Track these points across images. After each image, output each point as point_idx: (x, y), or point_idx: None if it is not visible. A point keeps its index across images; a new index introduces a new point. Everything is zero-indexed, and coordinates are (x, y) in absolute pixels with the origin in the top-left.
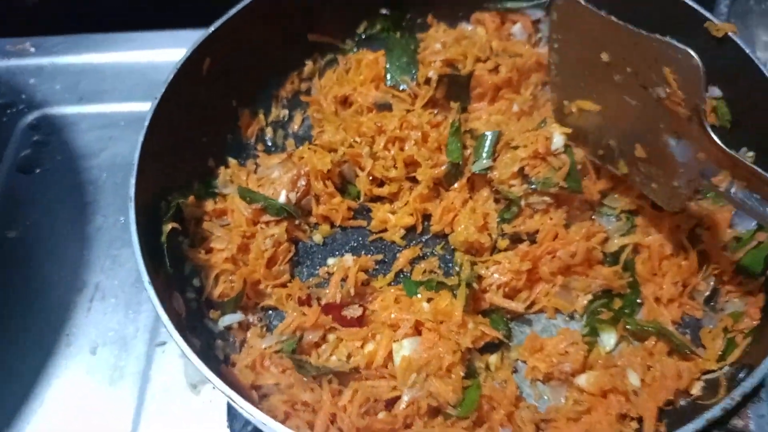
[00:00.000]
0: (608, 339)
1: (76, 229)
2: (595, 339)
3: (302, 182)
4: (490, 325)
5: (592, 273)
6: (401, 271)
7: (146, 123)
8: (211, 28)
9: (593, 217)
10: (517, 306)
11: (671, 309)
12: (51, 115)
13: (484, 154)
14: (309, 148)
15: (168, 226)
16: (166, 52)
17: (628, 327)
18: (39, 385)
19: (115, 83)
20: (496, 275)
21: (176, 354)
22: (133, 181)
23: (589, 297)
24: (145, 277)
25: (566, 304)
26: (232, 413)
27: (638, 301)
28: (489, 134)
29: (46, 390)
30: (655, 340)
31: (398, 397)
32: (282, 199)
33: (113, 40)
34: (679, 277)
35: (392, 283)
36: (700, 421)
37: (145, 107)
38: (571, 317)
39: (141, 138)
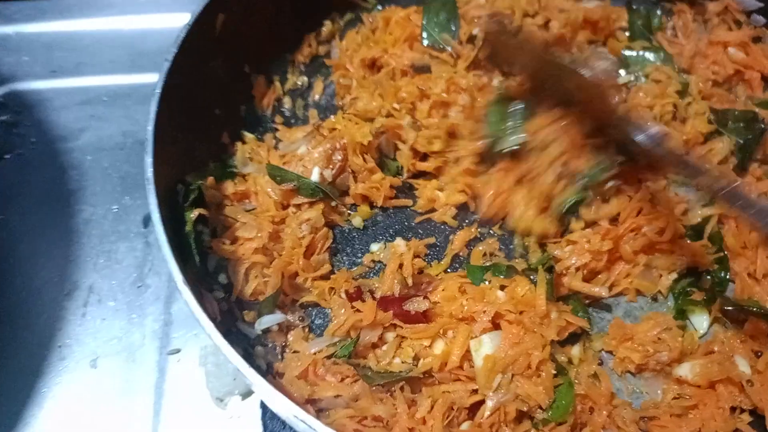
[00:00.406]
0: (700, 322)
1: (61, 223)
2: (684, 323)
3: (338, 157)
4: (572, 313)
5: (678, 249)
6: (457, 255)
7: (158, 90)
8: None
9: (668, 186)
10: (600, 290)
11: (766, 284)
12: (20, 91)
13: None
14: (344, 117)
15: (194, 213)
16: (153, 17)
17: (725, 307)
18: (31, 406)
19: (94, 54)
20: (574, 258)
21: (194, 363)
22: (149, 159)
23: (674, 276)
24: (178, 276)
25: (650, 285)
26: (269, 429)
27: (727, 277)
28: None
29: (39, 412)
30: (753, 323)
31: (481, 402)
32: (315, 177)
33: (90, 4)
34: None
35: (448, 270)
36: None
37: (131, 80)
38: (654, 299)
39: (153, 107)
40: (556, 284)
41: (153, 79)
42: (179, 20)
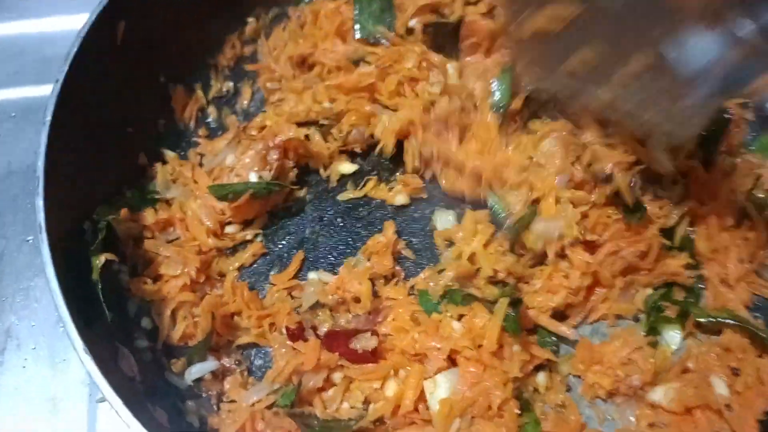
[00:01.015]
0: (673, 337)
1: None
2: (656, 338)
3: (273, 156)
4: (538, 344)
5: (658, 268)
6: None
7: (47, 118)
8: None
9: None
10: (569, 332)
11: (739, 291)
12: None
13: None
14: (276, 113)
15: (100, 259)
16: (59, 19)
17: (699, 320)
18: None
19: None
20: (547, 297)
21: None
22: (40, 202)
23: (649, 291)
24: (79, 344)
25: (629, 307)
26: None
27: (701, 287)
28: None
29: None
30: (730, 333)
31: None
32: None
33: None
34: (745, 253)
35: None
36: None
37: (40, 92)
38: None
39: (43, 139)
40: (522, 316)
41: None
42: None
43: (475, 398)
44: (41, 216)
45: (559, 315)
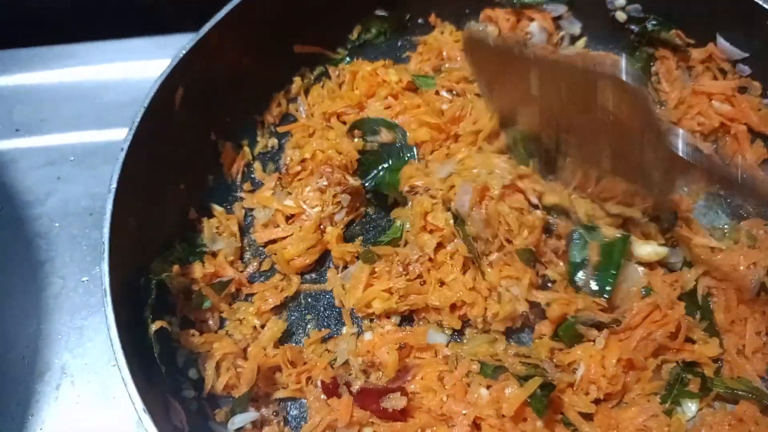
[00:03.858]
0: (689, 406)
1: (29, 298)
2: (673, 407)
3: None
4: (563, 423)
5: (686, 352)
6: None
7: (113, 186)
8: (181, 53)
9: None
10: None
11: (755, 361)
12: None
13: None
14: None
15: (155, 326)
16: (117, 66)
17: (716, 390)
18: None
19: (58, 108)
20: (581, 398)
21: None
22: (106, 268)
23: (673, 364)
24: (140, 405)
25: (659, 385)
26: None
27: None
28: None
29: None
30: (744, 404)
31: None
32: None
33: (50, 55)
34: (762, 325)
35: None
36: None
37: (98, 137)
38: None
39: (109, 207)
40: (553, 401)
41: (120, 135)
42: (145, 69)
43: None
44: (106, 279)
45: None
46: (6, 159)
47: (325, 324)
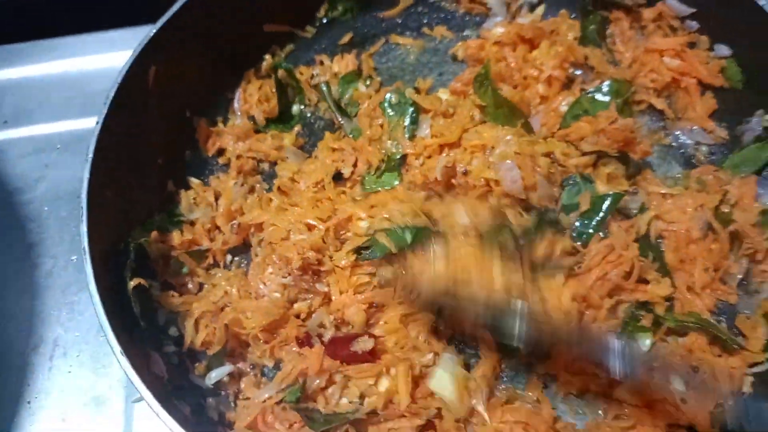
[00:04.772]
0: (644, 342)
1: (22, 277)
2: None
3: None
4: None
5: (639, 292)
6: None
7: (89, 155)
8: (152, 32)
9: None
10: None
11: (704, 297)
12: None
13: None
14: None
15: (133, 282)
16: (99, 58)
17: (667, 325)
18: None
19: (44, 100)
20: None
21: None
22: (84, 228)
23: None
24: (117, 348)
25: (615, 323)
26: None
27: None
28: None
29: None
30: (694, 336)
31: None
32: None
33: (35, 50)
34: (710, 262)
35: None
36: None
37: (82, 125)
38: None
39: (86, 173)
40: None
41: None
42: (125, 59)
43: None
44: (85, 240)
45: None
46: None
47: None
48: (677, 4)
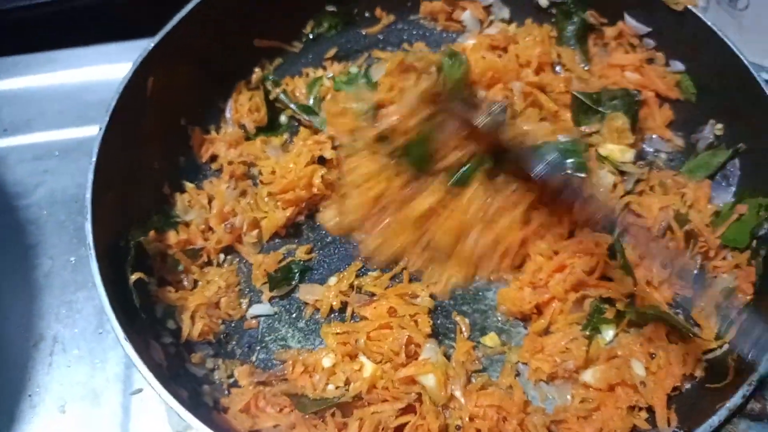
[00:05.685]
0: (607, 332)
1: (23, 277)
2: (594, 333)
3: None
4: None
5: (603, 289)
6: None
7: (93, 159)
8: (151, 45)
9: None
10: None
11: (663, 291)
12: None
13: None
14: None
15: (133, 276)
16: (95, 69)
17: (629, 317)
18: None
19: (43, 109)
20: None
21: (156, 401)
22: (89, 226)
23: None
24: (120, 334)
25: (581, 316)
26: None
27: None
28: None
29: None
30: (653, 326)
31: (405, 424)
32: None
33: (35, 61)
34: (667, 259)
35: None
36: (723, 412)
37: (80, 133)
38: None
39: (90, 176)
40: None
41: None
42: (121, 71)
43: None
44: (90, 237)
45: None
46: None
47: None
48: (636, 24)
